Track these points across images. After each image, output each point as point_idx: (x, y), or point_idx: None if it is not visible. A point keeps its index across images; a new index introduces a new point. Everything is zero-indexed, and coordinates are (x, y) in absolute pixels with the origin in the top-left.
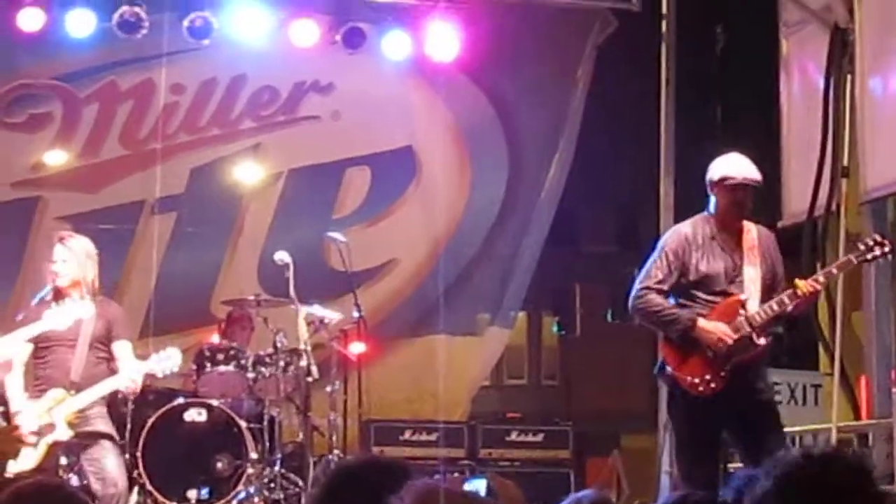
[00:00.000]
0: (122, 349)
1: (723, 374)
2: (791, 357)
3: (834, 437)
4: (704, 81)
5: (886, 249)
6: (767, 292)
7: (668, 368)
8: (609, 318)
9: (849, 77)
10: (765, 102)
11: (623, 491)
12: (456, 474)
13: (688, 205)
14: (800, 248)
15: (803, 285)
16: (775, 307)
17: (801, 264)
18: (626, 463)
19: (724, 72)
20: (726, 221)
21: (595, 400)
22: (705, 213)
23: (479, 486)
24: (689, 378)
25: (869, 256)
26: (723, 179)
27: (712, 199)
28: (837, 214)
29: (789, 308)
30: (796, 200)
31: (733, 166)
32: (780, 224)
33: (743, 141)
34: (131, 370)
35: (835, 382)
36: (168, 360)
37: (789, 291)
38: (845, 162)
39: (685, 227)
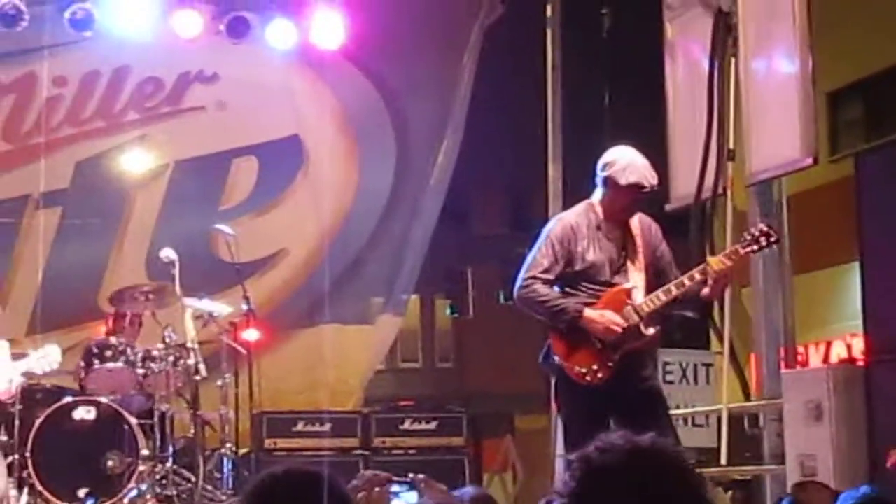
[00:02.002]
0: None
1: (610, 363)
2: (683, 335)
3: (724, 417)
4: (592, 64)
5: (773, 239)
6: (654, 280)
7: (555, 358)
8: (501, 299)
9: (733, 60)
10: (652, 86)
11: (518, 474)
12: (377, 489)
13: (575, 187)
14: (687, 229)
15: (715, 261)
16: (662, 296)
17: (689, 246)
18: (522, 444)
19: (610, 55)
20: (616, 216)
21: (489, 381)
22: (591, 200)
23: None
24: (575, 368)
25: (755, 247)
26: (632, 186)
27: (603, 191)
28: (724, 197)
29: (676, 294)
30: (683, 183)
31: (644, 174)
32: (667, 207)
33: (630, 124)
34: (6, 371)
35: (724, 362)
36: (46, 358)
37: (691, 272)
38: (731, 145)
39: (570, 216)
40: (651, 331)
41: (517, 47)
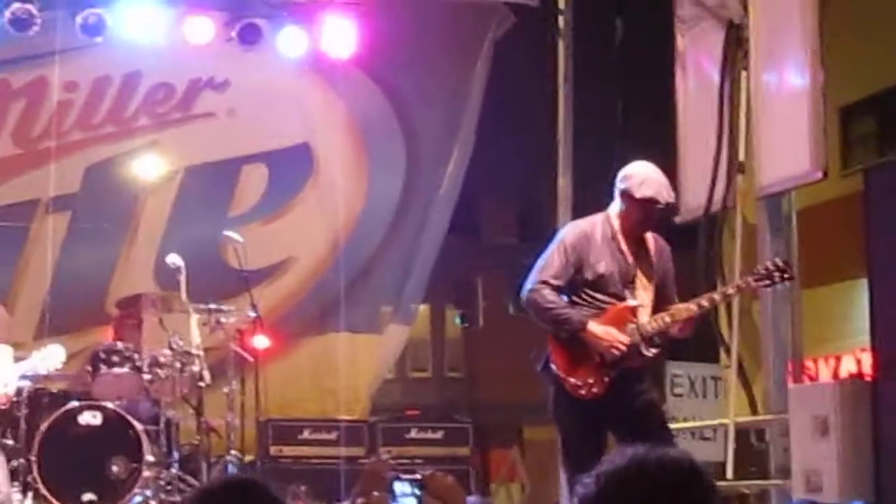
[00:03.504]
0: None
1: (606, 379)
2: (692, 349)
3: (731, 431)
4: (603, 76)
5: (786, 276)
6: (658, 303)
7: (553, 367)
8: (511, 309)
9: (743, 73)
10: (662, 98)
11: (525, 484)
12: (376, 493)
13: (585, 198)
14: (696, 242)
15: (679, 310)
16: (668, 319)
17: (698, 258)
18: (529, 455)
19: (622, 66)
20: (631, 230)
21: (498, 391)
22: (608, 212)
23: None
24: (571, 380)
25: (767, 281)
26: (647, 200)
27: (620, 205)
28: (734, 209)
29: (672, 329)
30: (693, 196)
31: (659, 189)
32: (677, 219)
33: (640, 136)
34: (5, 374)
35: (732, 376)
36: (50, 358)
37: (670, 312)
38: (741, 158)
39: (585, 223)
40: (652, 352)
41: (528, 58)
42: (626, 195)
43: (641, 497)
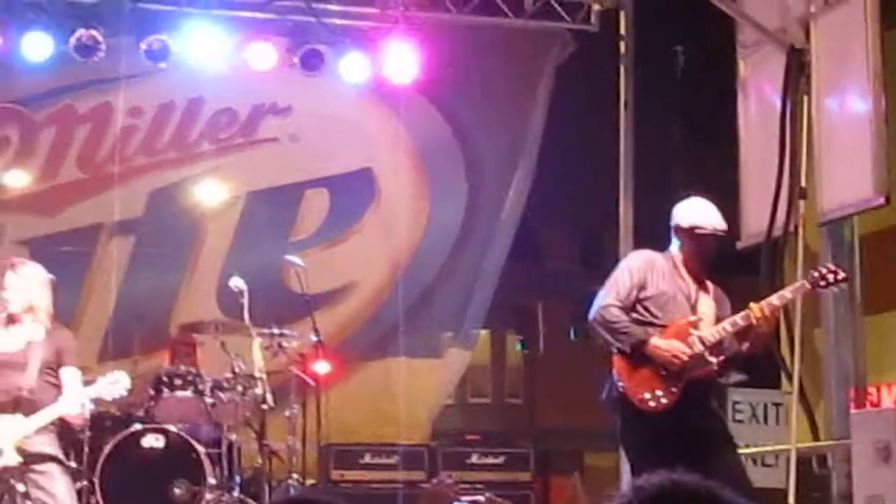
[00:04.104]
0: (70, 375)
1: (674, 389)
2: (754, 375)
3: (793, 457)
4: (664, 101)
5: (840, 277)
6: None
7: (620, 384)
8: (572, 335)
9: (805, 98)
10: (724, 123)
11: None
12: None
13: (647, 224)
14: (758, 268)
15: (757, 308)
16: (728, 327)
17: (759, 284)
18: (590, 482)
19: (683, 92)
20: (689, 265)
21: (558, 418)
22: (669, 251)
23: None
24: (639, 394)
25: (822, 283)
26: (692, 228)
27: (675, 241)
28: (795, 235)
29: (743, 327)
30: (755, 221)
31: (703, 215)
32: (738, 244)
33: (701, 161)
34: (77, 395)
35: (793, 402)
36: (115, 385)
37: (743, 313)
38: (803, 183)
39: (649, 252)
40: (715, 360)
41: (590, 84)
42: (676, 229)
43: None
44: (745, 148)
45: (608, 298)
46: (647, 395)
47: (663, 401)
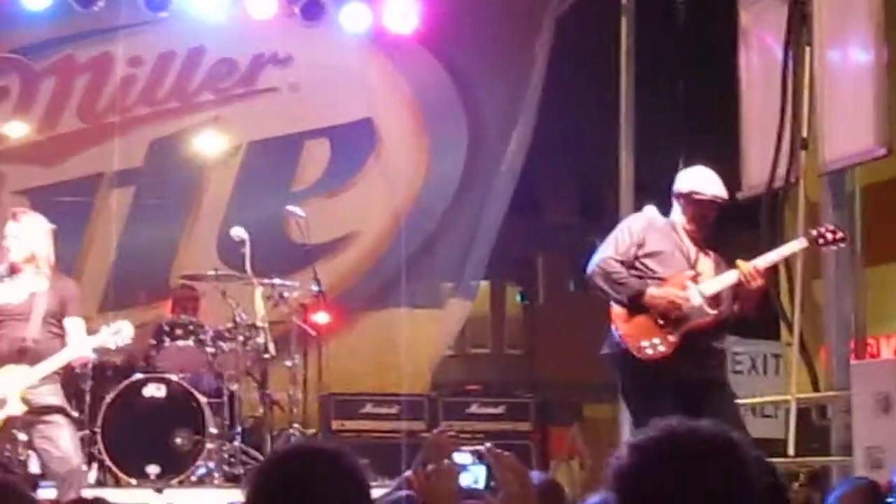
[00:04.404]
0: (74, 325)
1: (672, 338)
2: (753, 326)
3: (793, 408)
4: (665, 53)
5: (839, 237)
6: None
7: (618, 334)
8: (571, 287)
9: (807, 49)
10: (725, 74)
11: (585, 461)
12: (446, 461)
13: (647, 176)
14: (758, 219)
15: (743, 264)
16: (724, 280)
17: (760, 235)
18: (589, 433)
19: (685, 43)
20: (689, 229)
21: (558, 369)
22: (669, 217)
23: (478, 473)
24: (637, 343)
25: (821, 242)
26: (691, 193)
27: (677, 208)
28: (796, 186)
29: (732, 281)
30: (756, 172)
31: (703, 182)
32: (739, 196)
33: (703, 113)
34: (81, 343)
35: (794, 353)
36: (119, 334)
37: (732, 271)
38: (804, 134)
39: (649, 212)
40: (713, 311)
41: (590, 35)
42: (677, 194)
43: (674, 469)
44: (746, 99)
45: (607, 252)
46: (646, 344)
47: (661, 349)
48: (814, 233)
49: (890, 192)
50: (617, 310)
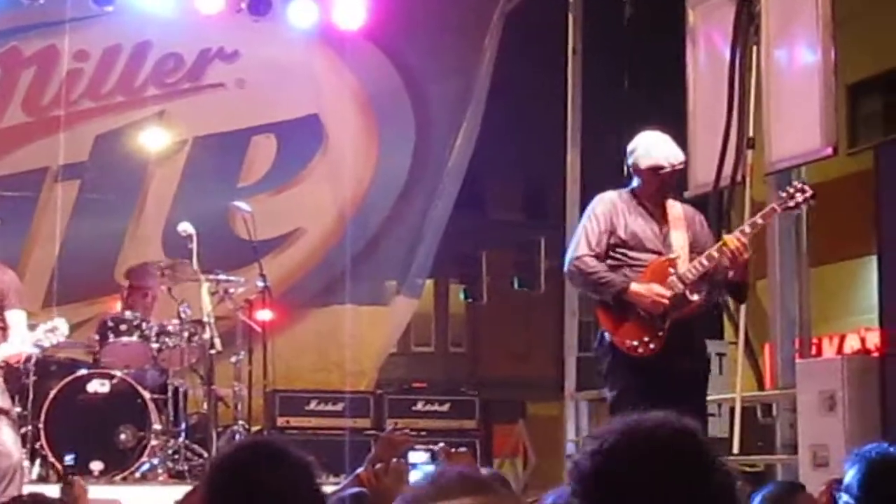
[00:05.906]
0: (14, 318)
1: (660, 333)
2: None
3: (738, 406)
4: (612, 50)
5: (809, 194)
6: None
7: (607, 335)
8: (515, 285)
9: (755, 49)
10: (672, 73)
11: (529, 459)
12: (395, 460)
13: (593, 174)
14: (706, 217)
15: (731, 240)
16: (705, 262)
17: None
18: (533, 431)
19: (632, 41)
20: (652, 199)
21: (502, 367)
22: (628, 189)
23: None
24: (626, 341)
25: (791, 203)
26: (652, 168)
27: (636, 180)
28: (743, 185)
29: (720, 261)
30: (702, 171)
31: (661, 153)
32: (685, 194)
33: (649, 111)
34: (21, 339)
35: (739, 352)
36: (54, 332)
37: (717, 246)
38: (751, 133)
39: (610, 193)
40: (696, 297)
41: (538, 32)
42: (635, 168)
43: (635, 466)
44: (693, 98)
45: (580, 249)
46: (636, 343)
47: (651, 346)
48: (783, 195)
49: (835, 193)
50: (602, 308)
